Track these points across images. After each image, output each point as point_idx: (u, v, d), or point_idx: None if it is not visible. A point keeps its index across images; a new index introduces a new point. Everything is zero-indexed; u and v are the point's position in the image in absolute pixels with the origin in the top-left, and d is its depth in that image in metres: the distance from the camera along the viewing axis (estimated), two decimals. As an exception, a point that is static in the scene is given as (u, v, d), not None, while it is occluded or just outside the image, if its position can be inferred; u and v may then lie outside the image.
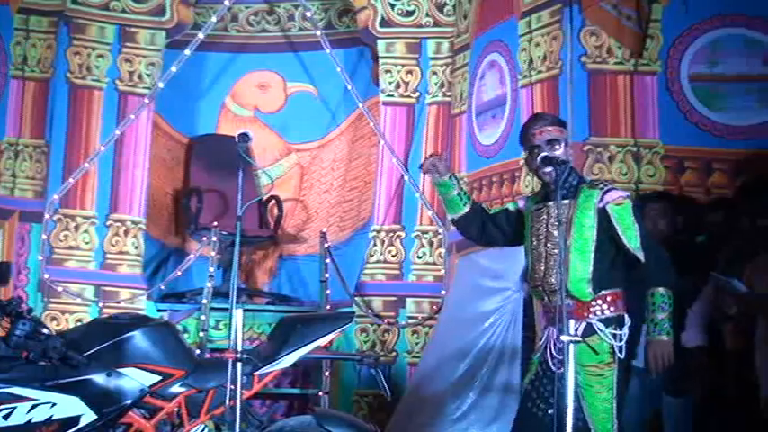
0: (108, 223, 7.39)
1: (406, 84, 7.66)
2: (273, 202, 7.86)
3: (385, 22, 7.65)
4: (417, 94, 7.65)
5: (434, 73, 7.64)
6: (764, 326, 4.62)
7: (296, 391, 7.27)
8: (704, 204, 5.51)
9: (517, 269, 6.19)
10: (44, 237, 7.23)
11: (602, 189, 4.16)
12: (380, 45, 7.65)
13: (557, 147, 4.22)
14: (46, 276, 7.17)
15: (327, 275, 7.37)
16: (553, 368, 4.10)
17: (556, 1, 6.24)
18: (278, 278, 8.15)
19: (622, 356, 4.13)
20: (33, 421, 4.30)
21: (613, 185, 4.28)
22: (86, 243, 7.34)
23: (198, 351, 6.69)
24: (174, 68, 7.46)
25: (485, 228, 4.45)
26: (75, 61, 7.45)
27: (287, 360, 4.78)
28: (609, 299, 4.14)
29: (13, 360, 4.36)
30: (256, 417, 4.90)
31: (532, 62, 6.38)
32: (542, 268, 4.20)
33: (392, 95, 7.63)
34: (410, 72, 7.66)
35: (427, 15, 7.65)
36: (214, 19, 7.70)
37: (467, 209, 4.42)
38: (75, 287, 7.23)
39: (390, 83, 7.64)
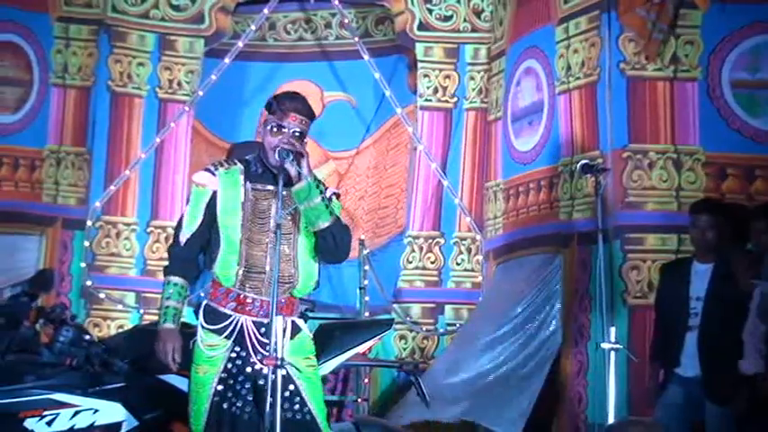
0: (149, 230, 7.46)
1: (444, 88, 7.67)
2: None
3: (423, 27, 7.66)
4: (455, 99, 7.65)
5: (472, 78, 7.64)
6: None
7: (335, 398, 7.29)
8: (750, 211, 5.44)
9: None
10: (86, 244, 7.30)
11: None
12: (419, 48, 7.67)
13: (305, 141, 3.88)
14: (88, 283, 7.24)
15: (366, 282, 7.39)
16: (261, 368, 3.77)
17: (594, 7, 6.22)
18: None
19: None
20: (76, 428, 4.33)
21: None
22: (127, 250, 7.41)
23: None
24: (214, 76, 7.51)
25: (200, 241, 3.94)
26: (117, 69, 7.52)
27: (326, 367, 4.78)
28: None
29: (57, 366, 4.40)
30: (296, 423, 4.91)
31: (570, 68, 6.36)
32: (266, 258, 3.83)
33: (430, 100, 7.64)
34: (448, 77, 7.67)
35: (465, 21, 7.65)
36: (253, 27, 7.74)
37: (182, 284, 3.91)
38: (117, 294, 7.30)
39: (428, 87, 7.65)
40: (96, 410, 4.37)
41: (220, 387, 3.85)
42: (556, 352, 6.15)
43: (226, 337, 3.85)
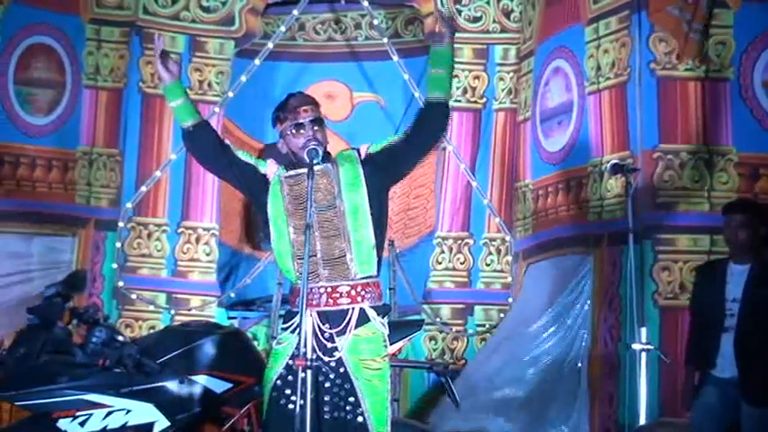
0: (179, 231, 7.50)
1: (473, 89, 7.66)
2: (342, 208, 7.88)
3: (452, 28, 7.64)
4: (484, 99, 7.64)
5: (501, 79, 7.62)
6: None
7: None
8: None
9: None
10: (118, 245, 7.35)
11: (354, 148, 4.03)
12: (447, 49, 7.65)
13: (324, 126, 3.97)
14: (120, 284, 7.29)
15: (395, 283, 7.40)
16: (325, 363, 3.77)
17: (624, 7, 6.19)
18: (346, 285, 8.17)
19: (388, 349, 3.89)
20: (109, 428, 4.37)
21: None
22: (158, 251, 7.45)
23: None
24: (244, 78, 7.54)
25: (223, 150, 4.01)
26: (148, 70, 7.56)
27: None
28: (377, 282, 3.91)
29: (90, 367, 4.44)
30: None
31: (600, 69, 6.33)
32: (314, 240, 3.80)
33: (459, 101, 7.63)
34: (477, 77, 7.66)
35: (494, 21, 7.64)
36: (283, 28, 7.75)
37: (200, 119, 4.05)
38: (148, 294, 7.34)
39: (458, 88, 7.64)
40: (129, 411, 4.41)
41: (279, 383, 3.86)
42: (587, 353, 6.14)
43: (291, 332, 3.85)
